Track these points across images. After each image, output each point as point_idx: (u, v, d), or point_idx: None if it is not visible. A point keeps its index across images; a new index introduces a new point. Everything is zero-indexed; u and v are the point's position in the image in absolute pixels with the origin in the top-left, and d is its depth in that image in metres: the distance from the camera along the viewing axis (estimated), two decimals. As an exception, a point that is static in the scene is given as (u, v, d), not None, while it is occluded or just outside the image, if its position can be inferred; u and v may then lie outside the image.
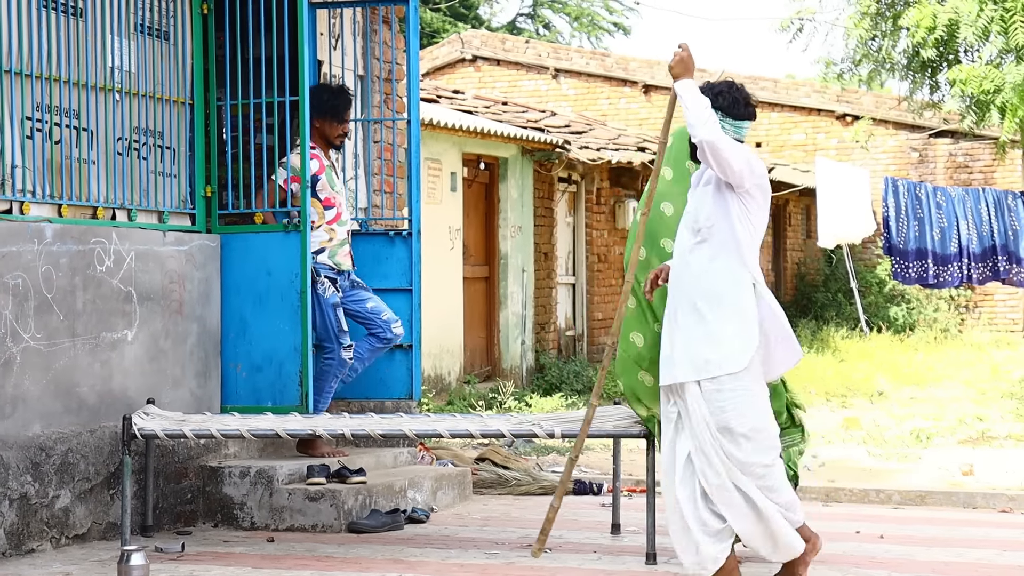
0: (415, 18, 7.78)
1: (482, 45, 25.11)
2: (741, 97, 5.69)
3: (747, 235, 5.60)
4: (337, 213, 7.67)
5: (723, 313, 5.53)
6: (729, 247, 5.58)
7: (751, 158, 5.59)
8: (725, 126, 5.63)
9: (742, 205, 5.60)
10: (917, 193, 12.90)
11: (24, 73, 6.60)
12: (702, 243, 5.61)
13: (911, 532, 7.27)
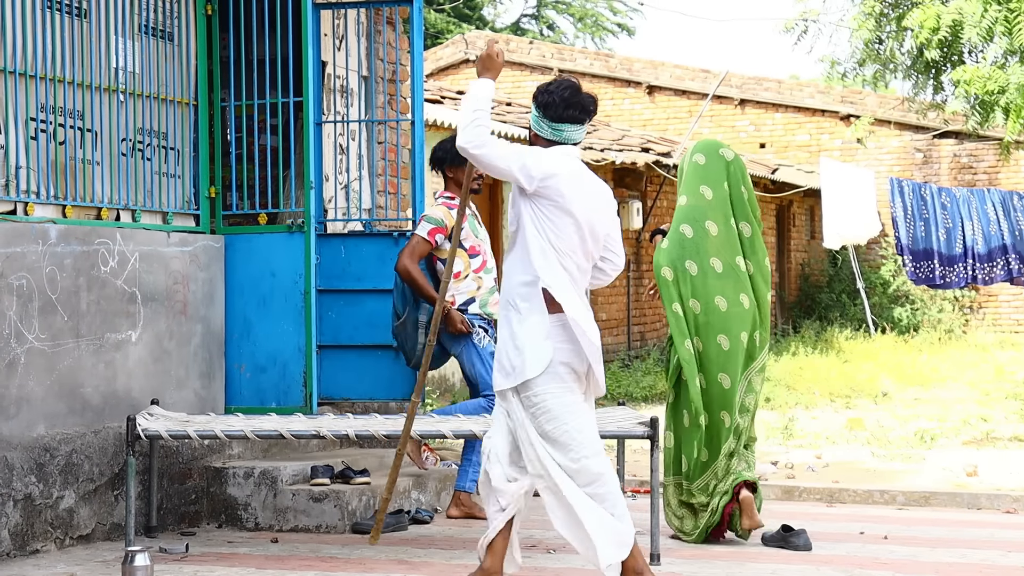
0: (419, 19, 7.78)
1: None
2: (561, 99, 5.49)
3: (540, 240, 5.43)
4: (483, 261, 7.56)
5: (521, 319, 5.43)
6: (525, 252, 5.46)
7: (530, 162, 5.39)
8: (543, 125, 5.53)
9: (535, 209, 5.43)
10: (922, 194, 12.89)
11: (28, 74, 6.61)
12: (511, 247, 5.55)
13: (915, 533, 7.27)
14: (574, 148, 5.54)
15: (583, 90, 5.55)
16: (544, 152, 5.47)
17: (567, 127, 5.48)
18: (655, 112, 24.49)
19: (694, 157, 7.05)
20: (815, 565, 6.30)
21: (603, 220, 5.53)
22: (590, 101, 5.54)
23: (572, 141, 5.53)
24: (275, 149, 8.01)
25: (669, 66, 24.60)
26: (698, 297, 6.85)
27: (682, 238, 6.94)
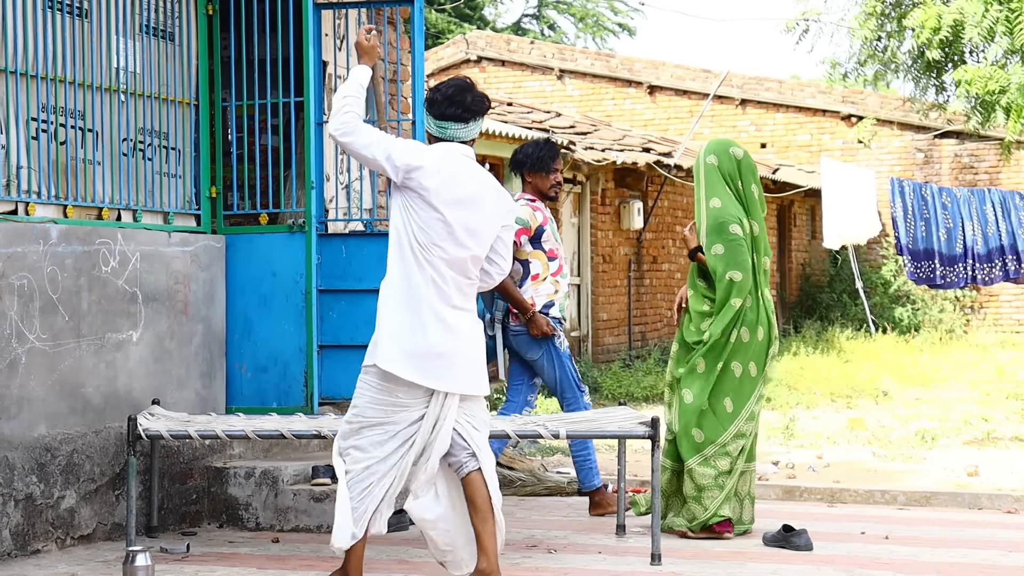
0: (420, 19, 7.78)
1: (487, 46, 25.12)
2: (444, 96, 5.56)
3: (402, 234, 5.47)
4: (560, 265, 7.68)
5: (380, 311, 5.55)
6: (392, 241, 5.54)
7: (395, 153, 5.47)
8: (430, 122, 5.63)
9: (404, 202, 5.48)
10: (923, 194, 12.89)
11: (29, 74, 6.61)
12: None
13: (916, 533, 7.27)
14: (461, 146, 5.60)
15: (473, 89, 5.64)
16: (417, 145, 5.60)
17: (450, 124, 5.58)
18: (656, 112, 24.49)
19: (708, 159, 7.09)
20: (816, 565, 6.30)
21: (484, 221, 5.53)
22: (474, 100, 5.61)
23: (458, 139, 5.60)
24: (276, 149, 8.01)
25: (670, 66, 24.60)
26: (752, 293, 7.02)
27: (735, 239, 6.98)
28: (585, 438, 7.43)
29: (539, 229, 7.64)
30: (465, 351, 5.52)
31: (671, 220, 20.11)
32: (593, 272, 17.75)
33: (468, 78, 5.77)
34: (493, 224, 5.58)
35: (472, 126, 5.60)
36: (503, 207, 5.62)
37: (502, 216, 5.62)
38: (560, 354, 7.62)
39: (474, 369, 5.56)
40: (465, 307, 5.54)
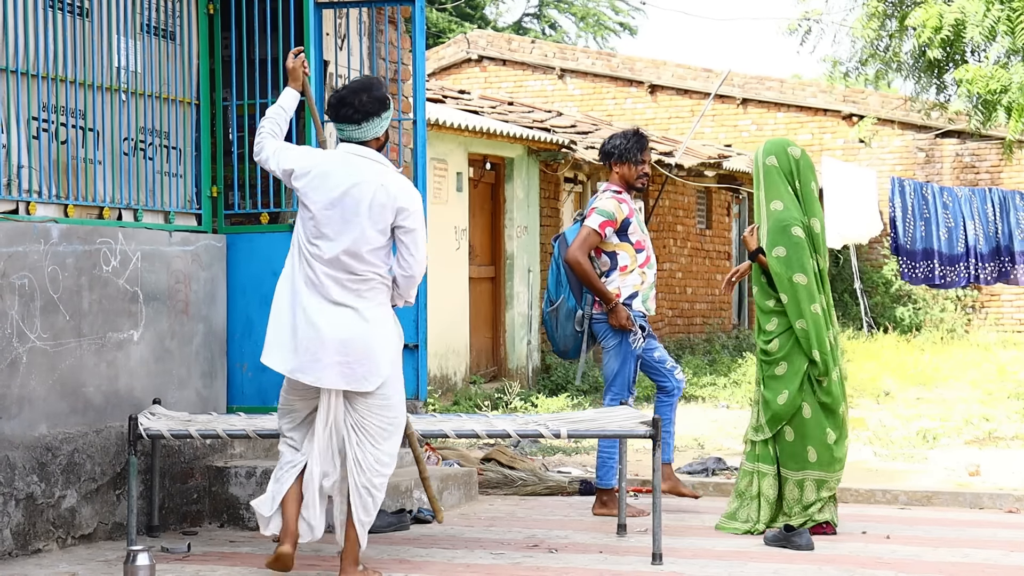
0: (421, 18, 7.78)
1: (488, 45, 25.11)
2: (337, 99, 5.81)
3: (298, 229, 5.83)
4: (647, 257, 7.71)
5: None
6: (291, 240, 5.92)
7: (281, 160, 5.86)
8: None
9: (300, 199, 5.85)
10: (924, 193, 12.90)
11: (30, 73, 6.61)
12: None
13: (917, 533, 7.26)
14: (356, 146, 5.82)
15: (371, 90, 5.81)
16: (300, 150, 5.93)
17: (344, 126, 5.81)
18: (657, 111, 24.47)
19: (767, 160, 7.14)
20: (817, 564, 6.30)
21: (358, 217, 5.70)
22: (369, 100, 5.79)
23: (354, 139, 5.82)
24: (277, 148, 7.99)
25: (671, 65, 24.59)
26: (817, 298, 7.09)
27: (798, 242, 7.04)
28: (586, 437, 7.43)
29: (625, 221, 7.66)
30: (345, 346, 5.70)
31: (672, 220, 20.10)
32: (594, 271, 17.74)
33: (376, 78, 5.98)
34: (372, 220, 5.72)
35: (366, 126, 5.80)
36: (390, 202, 5.74)
37: (388, 211, 5.74)
38: (628, 352, 7.61)
39: (353, 365, 5.71)
40: (349, 303, 5.73)
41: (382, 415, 5.80)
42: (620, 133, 7.91)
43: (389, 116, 5.89)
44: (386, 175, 5.78)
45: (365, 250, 5.71)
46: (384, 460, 5.83)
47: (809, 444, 7.02)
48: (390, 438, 5.84)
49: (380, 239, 5.74)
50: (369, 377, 5.73)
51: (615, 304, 7.54)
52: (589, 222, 7.56)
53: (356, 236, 5.70)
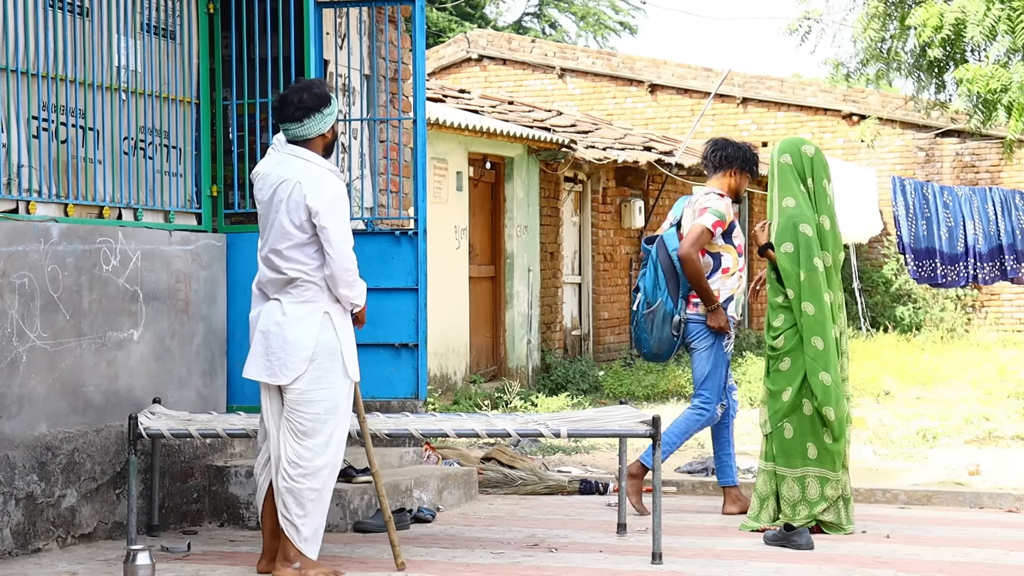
0: (421, 17, 7.78)
1: (488, 44, 25.10)
2: (279, 101, 5.98)
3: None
4: (744, 262, 7.86)
5: None
6: None
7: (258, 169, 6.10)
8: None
9: None
10: (924, 193, 12.87)
11: (30, 72, 6.60)
12: None
13: (917, 532, 7.26)
14: (293, 147, 5.97)
15: (311, 89, 5.96)
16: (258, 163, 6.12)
17: (288, 126, 5.95)
18: (657, 111, 24.47)
19: (781, 158, 7.22)
20: (817, 564, 6.30)
21: (279, 215, 5.88)
22: (310, 96, 5.93)
23: (300, 138, 5.96)
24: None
25: (671, 64, 24.58)
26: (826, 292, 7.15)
27: (806, 239, 7.10)
28: (586, 437, 7.43)
29: (731, 224, 7.75)
30: (266, 339, 5.90)
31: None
32: (594, 271, 17.75)
33: (317, 80, 6.18)
34: (289, 217, 5.86)
35: (308, 123, 5.94)
36: (303, 200, 5.85)
37: (301, 209, 5.85)
38: (720, 356, 7.68)
39: (270, 358, 5.89)
40: (278, 298, 5.92)
41: (300, 411, 5.89)
42: (740, 143, 8.02)
43: (333, 113, 6.00)
44: (305, 173, 5.90)
45: (284, 247, 5.87)
46: (304, 456, 5.87)
47: (809, 441, 7.05)
48: (311, 436, 5.89)
49: (299, 235, 5.87)
50: (283, 371, 5.87)
51: (717, 306, 7.61)
52: (703, 220, 7.62)
53: (277, 233, 5.90)
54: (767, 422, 7.14)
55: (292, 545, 5.88)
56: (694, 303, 7.66)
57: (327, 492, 5.94)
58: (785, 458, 7.08)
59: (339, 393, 5.95)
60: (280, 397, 5.95)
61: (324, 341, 5.90)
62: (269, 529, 6.04)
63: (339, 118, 8.51)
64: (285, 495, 5.85)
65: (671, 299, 7.67)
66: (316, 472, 5.88)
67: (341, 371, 5.95)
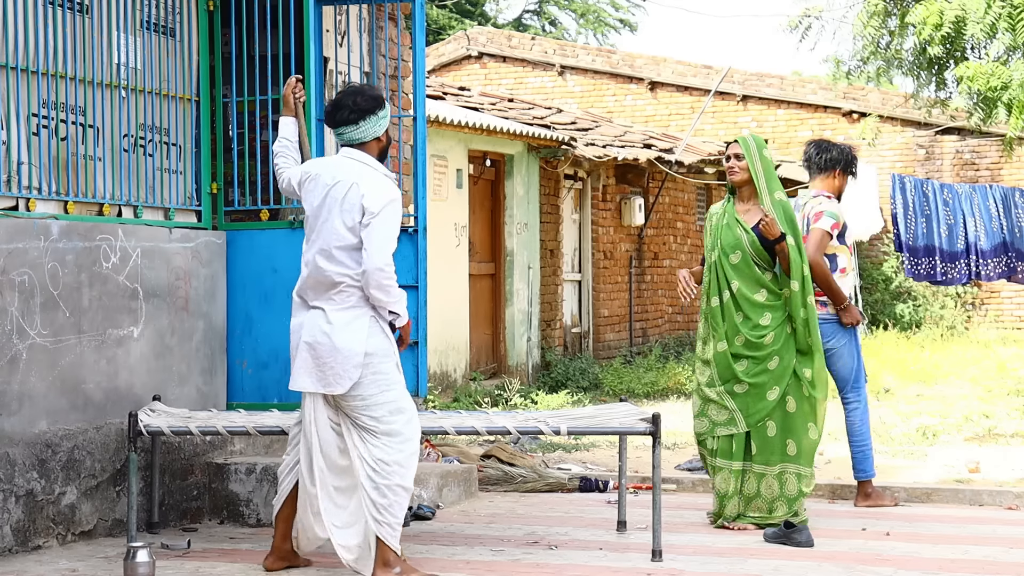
0: (421, 15, 7.78)
1: (488, 42, 25.10)
2: (332, 105, 5.95)
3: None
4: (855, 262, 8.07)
5: None
6: None
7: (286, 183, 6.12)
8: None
9: None
10: (924, 190, 12.87)
11: (30, 70, 6.60)
12: None
13: (917, 529, 7.26)
14: (348, 150, 5.95)
15: (364, 92, 5.94)
16: (306, 163, 6.11)
17: (343, 129, 5.93)
18: (657, 108, 24.47)
19: (765, 152, 7.29)
20: (817, 561, 6.30)
21: (332, 217, 5.81)
22: (363, 99, 5.90)
23: (354, 141, 5.94)
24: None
25: (671, 62, 24.58)
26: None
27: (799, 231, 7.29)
28: (586, 434, 7.43)
29: (844, 225, 7.93)
30: (314, 350, 5.80)
31: (672, 216, 20.10)
32: (594, 268, 17.75)
33: (368, 85, 6.24)
34: (343, 218, 5.80)
35: (363, 126, 5.91)
36: (359, 201, 5.79)
37: (356, 210, 5.79)
38: (858, 346, 7.93)
39: (323, 368, 5.80)
40: (320, 306, 5.83)
41: (367, 415, 5.83)
42: (842, 145, 8.19)
43: (387, 115, 5.96)
44: (363, 175, 5.85)
45: (335, 247, 5.80)
46: (382, 456, 5.81)
47: (790, 437, 7.07)
48: (385, 435, 5.83)
49: (350, 238, 5.80)
50: (337, 380, 5.79)
51: (847, 303, 7.82)
52: (821, 225, 7.78)
53: (327, 235, 5.82)
54: (739, 422, 7.10)
55: (390, 549, 5.79)
56: (821, 302, 7.84)
57: (408, 491, 5.86)
58: (764, 456, 7.08)
59: (401, 392, 5.90)
60: (329, 406, 5.87)
61: (375, 344, 5.84)
62: (282, 532, 6.04)
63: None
64: (374, 496, 5.77)
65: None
66: (396, 470, 5.81)
67: (397, 370, 5.91)
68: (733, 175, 7.26)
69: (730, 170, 7.27)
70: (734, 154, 7.25)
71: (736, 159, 7.24)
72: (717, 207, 7.39)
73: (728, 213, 7.28)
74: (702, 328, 7.30)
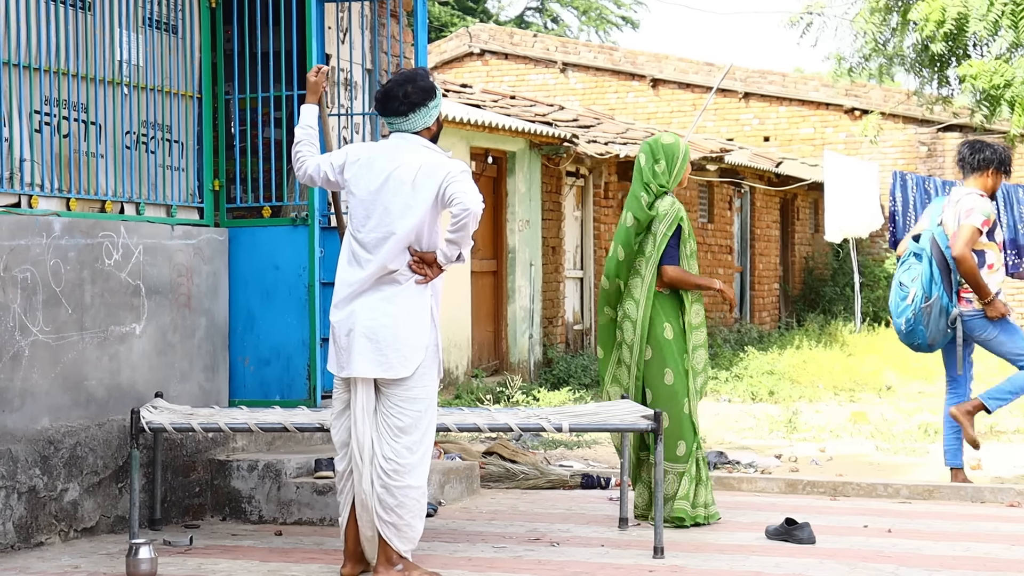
0: (423, 12, 7.78)
1: (490, 39, 25.10)
2: (383, 94, 5.82)
3: (348, 221, 5.88)
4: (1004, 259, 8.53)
5: None
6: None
7: (332, 159, 5.91)
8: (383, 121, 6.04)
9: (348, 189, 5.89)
10: (925, 187, 12.87)
11: (32, 67, 6.61)
12: None
13: (919, 526, 7.27)
14: (404, 135, 5.81)
15: (415, 81, 5.80)
16: (346, 148, 5.94)
17: (393, 119, 5.81)
18: (659, 105, 24.47)
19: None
20: (818, 558, 6.30)
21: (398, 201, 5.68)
22: (414, 91, 5.78)
23: (405, 130, 5.82)
24: (279, 142, 8.01)
25: (673, 59, 24.58)
26: None
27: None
28: (588, 431, 7.44)
29: (994, 222, 8.23)
30: (378, 335, 5.67)
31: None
32: (596, 265, 17.76)
33: (420, 69, 5.96)
34: (416, 195, 5.69)
35: (413, 117, 5.80)
36: (435, 174, 5.69)
37: (431, 184, 5.68)
38: (1014, 326, 8.24)
39: (386, 352, 5.67)
40: (380, 289, 5.70)
41: (402, 407, 5.72)
42: (995, 145, 8.46)
43: (438, 105, 5.83)
44: (433, 157, 5.74)
45: (399, 229, 5.66)
46: (401, 453, 5.71)
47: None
48: (407, 433, 5.73)
49: (420, 215, 5.66)
50: (402, 363, 5.67)
51: (992, 297, 8.13)
52: (971, 220, 8.11)
53: (396, 216, 5.67)
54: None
55: (392, 548, 5.75)
56: (967, 299, 8.20)
57: (423, 490, 5.78)
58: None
59: (435, 391, 5.85)
60: (376, 395, 5.76)
61: (434, 336, 5.80)
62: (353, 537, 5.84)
63: (351, 112, 8.52)
64: (382, 494, 5.70)
65: (946, 293, 8.25)
66: (412, 469, 5.73)
67: (437, 369, 5.85)
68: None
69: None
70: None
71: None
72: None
73: None
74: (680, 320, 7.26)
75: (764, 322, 22.48)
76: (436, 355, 5.83)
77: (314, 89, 6.20)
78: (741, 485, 8.70)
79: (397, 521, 5.74)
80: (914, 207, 12.57)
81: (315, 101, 6.18)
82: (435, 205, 5.70)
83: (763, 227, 22.70)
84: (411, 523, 5.78)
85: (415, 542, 5.84)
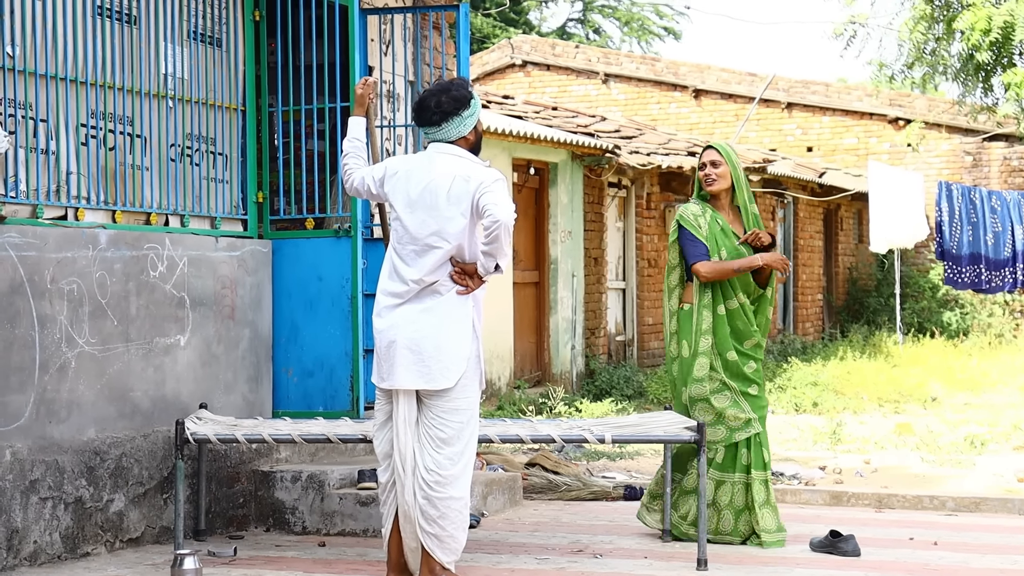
0: (465, 23, 7.80)
1: (532, 50, 25.12)
2: (418, 106, 5.86)
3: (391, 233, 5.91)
4: None
5: None
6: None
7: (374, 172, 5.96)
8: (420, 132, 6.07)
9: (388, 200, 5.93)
10: (971, 197, 12.78)
11: (79, 80, 6.66)
12: None
13: (965, 539, 7.21)
14: (441, 145, 5.84)
15: (450, 91, 5.82)
16: (386, 161, 5.99)
17: (428, 129, 5.84)
18: (701, 116, 24.42)
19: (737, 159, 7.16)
20: (864, 571, 6.26)
21: (436, 213, 5.70)
22: (447, 100, 5.79)
23: (441, 139, 5.85)
24: (322, 154, 8.04)
25: (715, 69, 24.52)
26: None
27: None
28: (630, 442, 7.42)
29: None
30: (420, 346, 5.69)
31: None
32: (638, 276, 17.73)
33: (457, 79, 6.01)
34: (452, 206, 5.72)
35: (447, 127, 5.82)
36: (469, 187, 5.70)
37: (466, 196, 5.70)
38: None
39: (429, 362, 5.68)
40: (422, 301, 5.72)
41: (444, 418, 5.72)
42: None
43: (474, 114, 5.84)
44: (467, 168, 5.75)
45: (438, 240, 5.69)
46: (443, 464, 5.71)
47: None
48: (450, 444, 5.73)
49: (458, 226, 5.69)
50: (444, 374, 5.68)
51: None
52: None
53: (435, 228, 5.71)
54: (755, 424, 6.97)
55: (435, 559, 5.75)
56: None
57: (465, 501, 5.78)
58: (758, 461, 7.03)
59: (477, 402, 5.84)
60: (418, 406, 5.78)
61: (476, 348, 5.82)
62: (397, 547, 5.85)
63: (394, 124, 8.55)
64: (424, 505, 5.71)
65: None
66: (454, 480, 5.72)
67: (479, 380, 5.85)
68: (711, 183, 7.08)
69: (707, 177, 7.08)
70: (710, 161, 7.08)
71: (712, 166, 7.07)
72: (697, 209, 7.02)
73: (717, 220, 7.08)
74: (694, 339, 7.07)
75: (808, 333, 22.37)
76: (478, 366, 5.83)
77: (361, 101, 6.23)
78: (785, 497, 8.66)
79: (439, 532, 5.73)
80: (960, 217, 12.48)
81: (362, 113, 6.21)
82: (472, 215, 5.72)
83: (806, 238, 22.60)
84: (453, 534, 5.77)
85: (458, 553, 5.84)
